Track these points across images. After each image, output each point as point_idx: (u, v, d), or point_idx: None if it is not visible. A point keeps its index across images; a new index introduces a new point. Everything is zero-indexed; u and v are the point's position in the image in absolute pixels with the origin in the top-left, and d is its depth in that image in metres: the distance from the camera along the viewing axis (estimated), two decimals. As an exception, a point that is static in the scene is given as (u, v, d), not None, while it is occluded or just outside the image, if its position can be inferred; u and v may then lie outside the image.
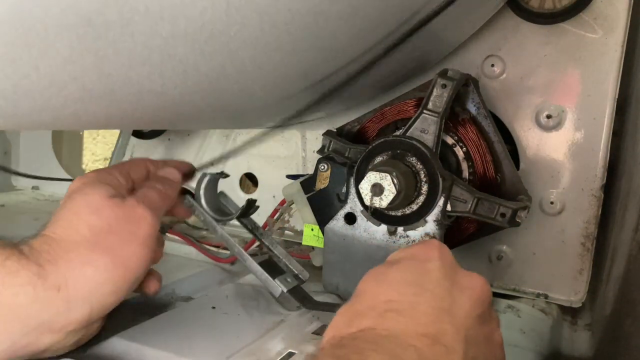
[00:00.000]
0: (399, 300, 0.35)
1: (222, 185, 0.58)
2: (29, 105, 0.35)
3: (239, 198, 0.87)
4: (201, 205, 0.54)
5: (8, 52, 0.29)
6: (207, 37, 0.37)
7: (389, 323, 0.34)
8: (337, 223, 0.60)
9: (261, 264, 0.55)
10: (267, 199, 0.84)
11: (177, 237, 0.79)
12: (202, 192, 0.55)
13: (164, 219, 0.53)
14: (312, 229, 0.67)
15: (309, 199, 0.67)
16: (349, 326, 0.35)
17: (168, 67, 0.38)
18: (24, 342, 0.39)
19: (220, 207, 0.57)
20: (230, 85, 0.46)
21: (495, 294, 0.70)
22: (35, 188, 1.17)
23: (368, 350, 0.31)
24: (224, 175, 0.57)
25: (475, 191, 0.55)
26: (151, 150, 1.00)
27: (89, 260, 0.41)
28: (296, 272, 0.57)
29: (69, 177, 1.01)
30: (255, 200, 0.56)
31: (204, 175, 0.55)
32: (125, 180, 0.48)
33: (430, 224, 0.56)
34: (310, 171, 0.68)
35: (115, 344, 0.45)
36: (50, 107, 0.36)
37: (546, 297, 0.69)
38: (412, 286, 0.36)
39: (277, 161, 0.88)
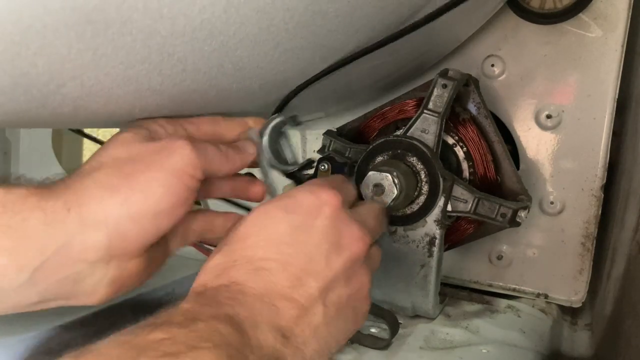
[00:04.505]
0: (274, 259, 0.36)
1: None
2: (27, 102, 0.35)
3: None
4: (262, 146, 0.52)
5: (7, 49, 0.30)
6: (206, 35, 0.37)
7: (258, 281, 0.35)
8: (338, 223, 0.60)
9: None
10: (266, 198, 0.84)
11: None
12: (268, 130, 0.52)
13: None
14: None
15: (309, 198, 0.67)
16: (220, 276, 0.35)
17: (167, 65, 0.38)
18: (47, 271, 0.37)
19: (279, 153, 0.55)
20: (230, 84, 0.46)
21: (495, 294, 0.70)
22: (35, 188, 1.17)
23: (227, 305, 0.33)
24: (295, 121, 0.55)
25: (475, 191, 0.55)
26: (151, 150, 1.00)
27: (103, 184, 0.38)
28: None
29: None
30: (313, 161, 0.57)
31: (273, 117, 0.53)
32: (174, 128, 0.45)
33: (430, 224, 0.56)
34: (310, 171, 0.68)
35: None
36: (48, 105, 0.36)
37: (546, 297, 0.69)
38: (292, 246, 0.37)
39: (277, 161, 0.88)
